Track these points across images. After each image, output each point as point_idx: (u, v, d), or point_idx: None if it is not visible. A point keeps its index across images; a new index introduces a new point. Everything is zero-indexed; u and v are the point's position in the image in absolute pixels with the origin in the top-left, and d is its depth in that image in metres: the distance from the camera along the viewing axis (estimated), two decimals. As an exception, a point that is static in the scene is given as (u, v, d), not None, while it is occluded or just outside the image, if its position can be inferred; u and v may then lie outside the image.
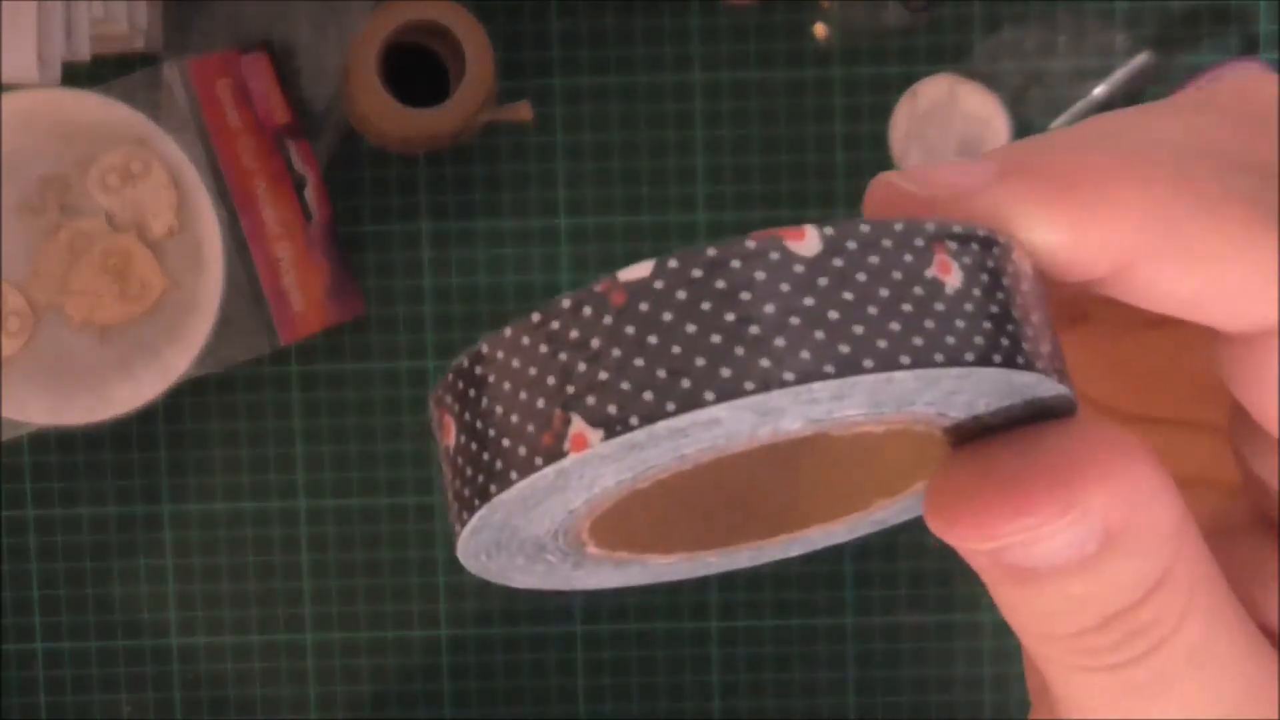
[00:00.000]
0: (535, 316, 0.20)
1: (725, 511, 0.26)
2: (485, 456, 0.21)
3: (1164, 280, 0.22)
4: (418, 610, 0.85)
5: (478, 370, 0.21)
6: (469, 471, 0.21)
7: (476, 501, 0.21)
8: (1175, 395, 0.26)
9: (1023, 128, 0.82)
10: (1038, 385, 0.21)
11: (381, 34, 0.78)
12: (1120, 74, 0.82)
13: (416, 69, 0.82)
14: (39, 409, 0.78)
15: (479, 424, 0.21)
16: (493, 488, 0.21)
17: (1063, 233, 0.21)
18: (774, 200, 0.83)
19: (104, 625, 0.84)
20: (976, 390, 0.21)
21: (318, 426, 0.84)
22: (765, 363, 0.19)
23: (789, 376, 0.19)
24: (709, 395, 0.19)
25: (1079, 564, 0.21)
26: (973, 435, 0.23)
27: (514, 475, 0.20)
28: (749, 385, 0.19)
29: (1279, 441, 0.23)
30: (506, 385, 0.21)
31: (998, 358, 0.20)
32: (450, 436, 0.22)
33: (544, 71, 0.83)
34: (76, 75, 0.81)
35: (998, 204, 0.22)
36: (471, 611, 0.85)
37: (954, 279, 0.20)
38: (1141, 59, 0.82)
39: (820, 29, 0.82)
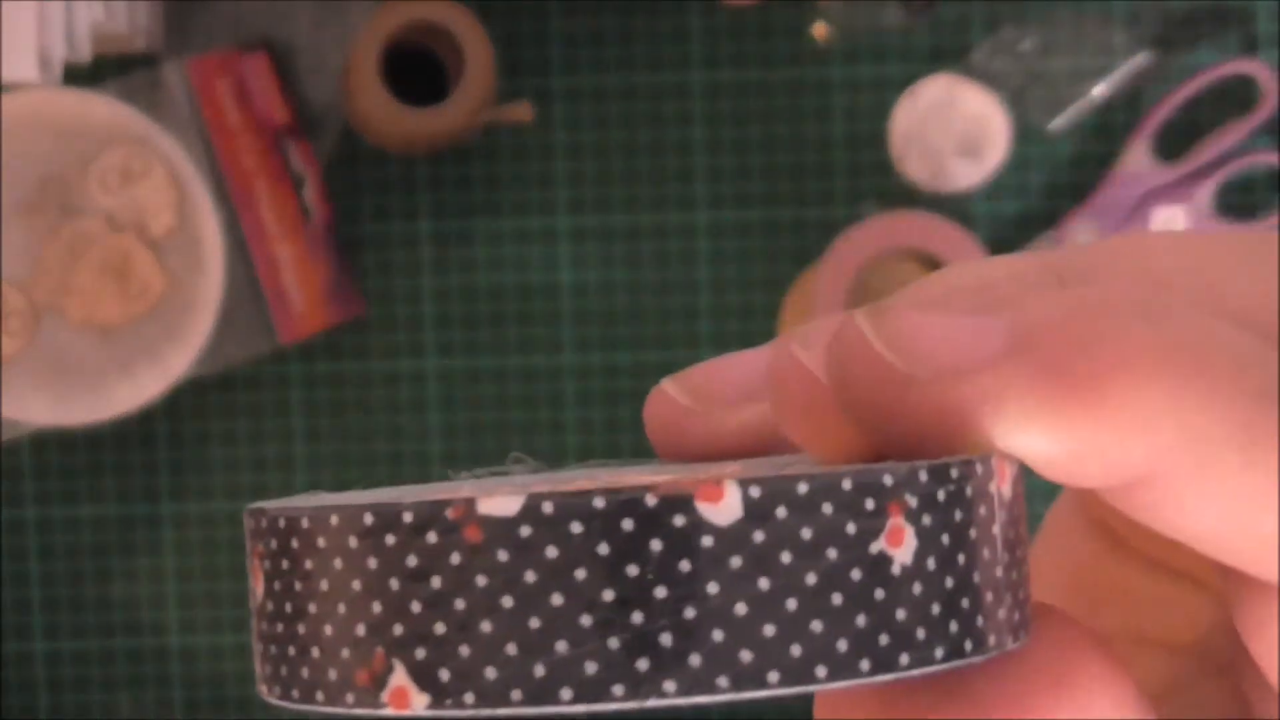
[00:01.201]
0: (368, 518, 0.16)
1: None
2: (291, 650, 0.17)
3: (1182, 507, 0.17)
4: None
5: (294, 544, 0.17)
6: (273, 649, 0.18)
7: (278, 690, 0.18)
8: (1132, 607, 0.22)
9: (1023, 128, 0.82)
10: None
11: (381, 34, 0.78)
12: (1120, 74, 0.82)
13: (416, 69, 0.82)
14: (39, 409, 0.78)
15: (288, 606, 0.17)
16: (295, 693, 0.17)
17: (1071, 445, 0.17)
18: (774, 200, 0.83)
19: (104, 625, 0.84)
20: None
21: (318, 426, 0.84)
22: (643, 665, 0.15)
23: (670, 688, 0.16)
24: (565, 694, 0.16)
25: None
26: None
27: (319, 696, 0.17)
28: (617, 691, 0.15)
29: None
30: (324, 584, 0.17)
31: (941, 651, 0.16)
32: (259, 586, 0.18)
33: (544, 71, 0.83)
34: (76, 75, 0.81)
35: (995, 397, 0.17)
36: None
37: (904, 552, 0.16)
38: (1141, 59, 0.82)
39: (820, 29, 0.82)
